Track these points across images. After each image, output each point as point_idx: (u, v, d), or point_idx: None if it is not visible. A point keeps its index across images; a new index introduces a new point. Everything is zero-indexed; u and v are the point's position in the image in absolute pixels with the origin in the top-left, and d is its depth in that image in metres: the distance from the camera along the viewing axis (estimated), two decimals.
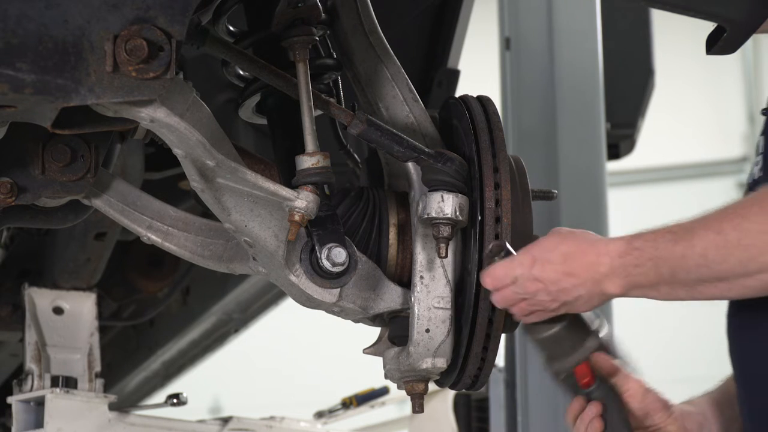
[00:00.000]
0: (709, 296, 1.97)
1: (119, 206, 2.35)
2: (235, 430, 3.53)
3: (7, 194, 2.21)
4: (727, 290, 1.94)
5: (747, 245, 1.90)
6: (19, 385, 3.25)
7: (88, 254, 3.37)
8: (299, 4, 2.33)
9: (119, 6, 1.89)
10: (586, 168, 4.65)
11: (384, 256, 2.34)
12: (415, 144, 2.27)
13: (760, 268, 1.90)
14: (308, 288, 2.27)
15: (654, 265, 1.97)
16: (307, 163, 2.22)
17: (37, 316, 3.34)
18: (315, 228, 2.25)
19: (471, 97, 2.40)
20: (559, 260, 2.08)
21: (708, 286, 1.95)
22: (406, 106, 2.41)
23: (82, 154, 2.25)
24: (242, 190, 2.19)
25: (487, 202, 2.25)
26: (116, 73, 1.90)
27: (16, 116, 2.04)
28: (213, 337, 4.53)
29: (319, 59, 2.45)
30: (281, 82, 2.35)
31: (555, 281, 2.07)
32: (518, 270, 2.10)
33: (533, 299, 2.10)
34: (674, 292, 1.99)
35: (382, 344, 2.40)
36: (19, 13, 1.85)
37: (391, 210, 2.36)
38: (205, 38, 2.39)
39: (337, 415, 4.55)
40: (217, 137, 2.13)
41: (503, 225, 2.24)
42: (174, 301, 4.16)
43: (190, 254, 2.37)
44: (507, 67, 4.77)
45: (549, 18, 4.72)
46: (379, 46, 2.43)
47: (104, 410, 3.23)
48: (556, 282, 2.06)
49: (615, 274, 2.02)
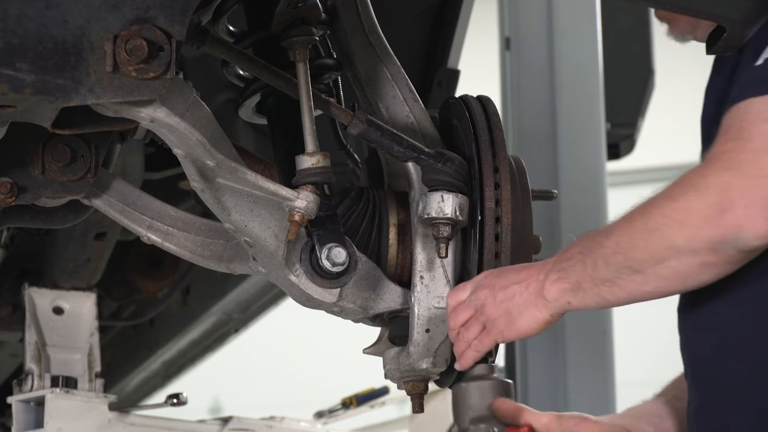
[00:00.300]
0: (630, 292, 1.95)
1: (119, 206, 2.35)
2: (235, 430, 3.53)
3: (7, 194, 2.21)
4: (644, 283, 1.92)
5: (651, 229, 1.89)
6: (19, 385, 3.25)
7: (88, 254, 3.37)
8: (299, 4, 2.33)
9: (119, 6, 1.89)
10: (586, 168, 4.65)
11: (384, 256, 2.34)
12: (415, 144, 2.27)
13: (666, 253, 1.89)
14: (308, 288, 2.27)
15: (581, 258, 1.98)
16: (307, 163, 2.22)
17: (37, 316, 3.34)
18: (315, 228, 2.25)
19: (471, 97, 2.40)
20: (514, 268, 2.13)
21: (626, 280, 1.93)
22: (406, 106, 2.41)
23: (82, 154, 2.25)
24: (242, 190, 2.19)
25: (487, 202, 2.25)
26: (116, 73, 1.90)
27: (16, 116, 2.04)
28: (213, 337, 4.53)
29: (319, 59, 2.45)
30: (281, 82, 2.35)
31: (503, 286, 2.09)
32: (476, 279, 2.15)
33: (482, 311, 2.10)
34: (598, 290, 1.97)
35: (382, 344, 2.40)
36: (19, 13, 1.85)
37: (391, 210, 2.36)
38: (206, 38, 2.39)
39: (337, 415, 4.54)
40: (217, 137, 2.13)
41: (503, 225, 2.25)
42: (174, 301, 4.15)
43: (190, 254, 2.37)
44: (507, 67, 4.77)
45: (549, 18, 4.72)
46: (380, 46, 2.43)
47: (104, 410, 3.22)
48: (504, 286, 2.08)
49: (552, 271, 2.03)
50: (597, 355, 4.55)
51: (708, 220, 1.84)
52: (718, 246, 1.85)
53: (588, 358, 4.53)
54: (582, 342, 4.57)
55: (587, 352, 4.55)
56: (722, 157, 1.86)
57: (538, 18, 4.73)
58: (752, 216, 1.82)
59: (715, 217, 1.84)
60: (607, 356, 4.57)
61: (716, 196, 1.84)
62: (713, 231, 1.85)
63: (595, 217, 4.58)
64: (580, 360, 4.51)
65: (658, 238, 1.89)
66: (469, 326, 2.13)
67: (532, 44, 4.72)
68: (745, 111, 1.88)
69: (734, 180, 1.84)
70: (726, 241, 1.85)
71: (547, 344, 4.55)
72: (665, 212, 1.89)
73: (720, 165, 1.86)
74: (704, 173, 1.87)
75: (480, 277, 2.16)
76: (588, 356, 4.53)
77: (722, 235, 1.84)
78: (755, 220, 1.82)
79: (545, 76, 4.69)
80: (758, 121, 1.86)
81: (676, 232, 1.87)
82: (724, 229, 1.84)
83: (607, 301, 1.99)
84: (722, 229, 1.84)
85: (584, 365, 4.46)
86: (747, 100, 1.88)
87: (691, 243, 1.87)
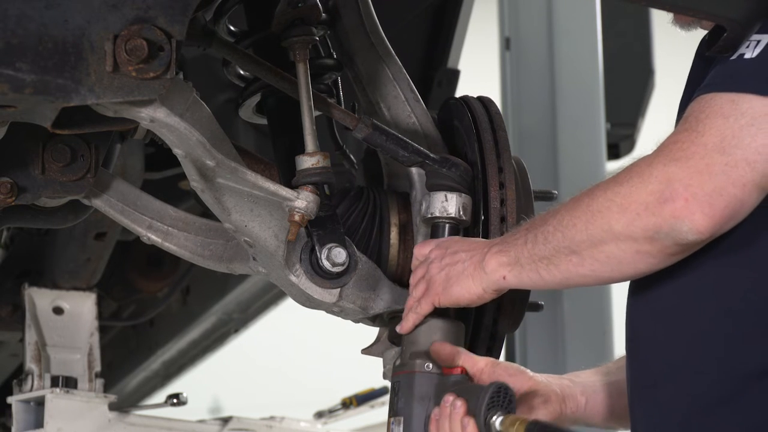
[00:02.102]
0: (566, 273, 1.95)
1: (119, 206, 2.35)
2: (235, 430, 3.53)
3: (7, 194, 2.21)
4: (579, 264, 1.92)
5: (593, 211, 1.90)
6: (19, 385, 3.25)
7: (88, 254, 3.37)
8: (299, 4, 2.33)
9: (119, 6, 1.89)
10: (586, 168, 4.66)
11: (385, 256, 2.34)
12: (420, 149, 2.27)
13: (603, 235, 1.89)
14: (308, 288, 2.27)
15: (524, 234, 2.00)
16: (307, 163, 2.22)
17: (37, 316, 3.34)
18: (315, 228, 2.25)
19: (472, 97, 2.40)
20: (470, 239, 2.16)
21: (563, 260, 1.94)
22: (407, 106, 2.41)
23: (82, 154, 2.25)
24: (242, 190, 2.19)
25: (492, 201, 2.25)
26: (116, 73, 1.89)
27: (16, 116, 2.04)
28: (213, 337, 4.53)
29: (319, 59, 2.44)
30: (287, 85, 2.34)
31: (454, 251, 2.10)
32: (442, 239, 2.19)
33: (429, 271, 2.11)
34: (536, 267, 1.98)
35: (381, 345, 2.40)
36: (19, 13, 1.85)
37: (393, 210, 2.36)
38: (212, 40, 2.39)
39: (337, 415, 4.54)
40: (217, 137, 2.13)
41: (508, 224, 2.24)
42: (174, 301, 4.16)
43: (190, 254, 2.37)
44: (507, 67, 4.78)
45: (549, 18, 4.72)
46: (381, 45, 2.43)
47: (104, 410, 3.22)
48: (453, 252, 2.10)
49: (497, 244, 2.04)
50: (597, 355, 4.55)
51: (648, 207, 1.85)
52: (655, 235, 1.86)
53: (588, 358, 4.53)
54: (582, 342, 4.57)
55: (587, 352, 4.56)
56: (673, 147, 1.86)
57: (538, 18, 4.74)
58: (692, 210, 1.82)
59: (655, 205, 1.84)
60: (607, 356, 4.57)
61: (659, 185, 1.84)
62: (651, 219, 1.85)
63: None
64: (580, 360, 4.50)
65: (598, 220, 1.90)
66: (418, 285, 2.14)
67: (532, 44, 4.73)
68: (707, 104, 1.87)
69: (679, 172, 1.83)
70: (662, 231, 1.85)
71: (547, 344, 4.55)
72: (608, 196, 1.89)
73: (669, 155, 1.86)
74: (653, 162, 1.87)
75: (445, 238, 2.19)
76: (588, 356, 4.53)
77: (659, 224, 1.84)
78: (694, 214, 1.82)
79: (545, 76, 4.69)
80: (716, 116, 1.85)
81: (616, 216, 1.88)
82: (662, 218, 1.84)
83: (543, 279, 1.99)
84: (660, 218, 1.84)
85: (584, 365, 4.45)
86: (711, 94, 1.88)
87: (628, 229, 1.87)
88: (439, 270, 2.10)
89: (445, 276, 2.09)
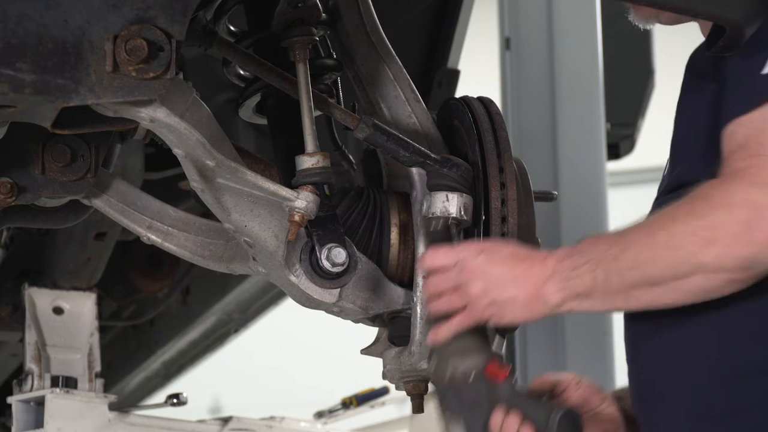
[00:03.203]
0: (647, 303, 1.91)
1: (119, 206, 2.35)
2: (235, 430, 3.53)
3: (7, 194, 2.21)
4: (663, 294, 1.89)
5: (675, 246, 1.85)
6: (19, 385, 3.25)
7: (88, 254, 3.37)
8: (299, 4, 2.33)
9: (119, 6, 1.89)
10: (586, 168, 4.65)
11: (385, 256, 2.34)
12: (420, 149, 2.27)
13: (691, 270, 1.85)
14: (308, 288, 2.26)
15: (590, 268, 1.92)
16: (307, 163, 2.22)
17: (37, 316, 3.34)
18: (315, 228, 2.25)
19: (472, 97, 2.40)
20: (507, 255, 2.02)
21: (643, 292, 1.89)
22: (408, 106, 2.41)
23: (82, 154, 2.25)
24: (242, 190, 2.19)
25: (493, 201, 2.25)
26: (116, 73, 1.89)
27: (16, 116, 2.04)
28: (213, 337, 4.53)
29: (319, 59, 2.44)
30: (287, 85, 2.34)
31: (496, 275, 2.00)
32: (463, 254, 2.04)
33: (464, 289, 2.01)
34: (610, 300, 1.93)
35: (380, 345, 2.40)
36: (19, 13, 1.85)
37: (393, 210, 2.36)
38: (213, 40, 2.39)
39: (337, 415, 4.55)
40: (217, 137, 2.13)
41: (509, 224, 2.24)
42: (174, 301, 4.16)
43: (190, 254, 2.37)
44: (507, 67, 4.77)
45: (549, 18, 4.72)
46: (381, 45, 2.43)
47: (104, 410, 3.22)
48: (497, 277, 1.99)
49: (555, 278, 1.96)
50: (597, 355, 4.55)
51: (738, 237, 1.81)
52: (750, 264, 1.82)
53: (588, 358, 4.53)
54: (582, 342, 4.57)
55: (587, 353, 4.55)
56: (747, 172, 1.82)
57: (538, 18, 4.73)
58: None
59: (746, 234, 1.80)
60: (607, 356, 4.57)
61: (746, 212, 1.80)
62: (744, 249, 1.81)
63: (595, 217, 4.58)
64: (580, 360, 4.50)
65: (683, 255, 1.84)
66: (451, 300, 2.04)
67: (532, 44, 4.72)
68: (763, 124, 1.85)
69: (763, 197, 1.80)
70: (758, 259, 1.82)
71: (548, 344, 4.55)
72: (691, 230, 1.84)
73: (746, 180, 1.82)
74: (729, 189, 1.83)
75: (469, 251, 2.04)
76: (588, 356, 4.53)
77: (754, 252, 1.81)
78: None
79: (545, 76, 4.69)
80: None
81: (704, 250, 1.83)
82: (756, 246, 1.80)
83: (617, 308, 1.97)
84: (754, 246, 1.80)
85: (584, 365, 4.46)
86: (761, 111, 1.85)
87: (720, 261, 1.83)
88: (483, 293, 2.00)
89: (490, 301, 1.99)
